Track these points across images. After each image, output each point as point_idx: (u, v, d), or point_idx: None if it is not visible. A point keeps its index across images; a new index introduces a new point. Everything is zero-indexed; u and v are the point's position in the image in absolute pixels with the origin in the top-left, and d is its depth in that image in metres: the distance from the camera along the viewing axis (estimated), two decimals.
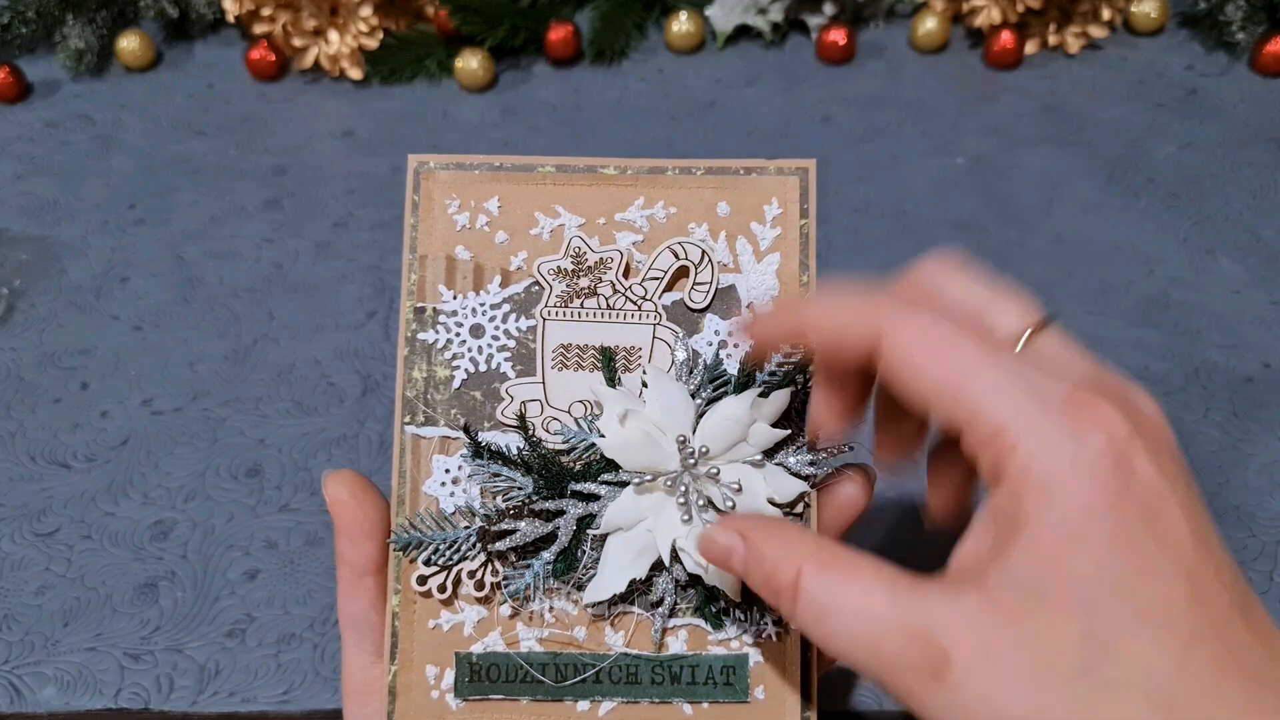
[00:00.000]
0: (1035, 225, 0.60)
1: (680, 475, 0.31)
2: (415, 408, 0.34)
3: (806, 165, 0.34)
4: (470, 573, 0.32)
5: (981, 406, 0.24)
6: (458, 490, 0.33)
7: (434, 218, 0.34)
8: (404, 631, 0.33)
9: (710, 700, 0.33)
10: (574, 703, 0.33)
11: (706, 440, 0.31)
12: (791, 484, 0.32)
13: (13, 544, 0.48)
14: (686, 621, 0.33)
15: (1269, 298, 0.55)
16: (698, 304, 0.33)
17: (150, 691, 0.43)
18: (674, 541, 0.31)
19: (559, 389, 0.33)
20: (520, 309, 0.34)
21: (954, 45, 0.73)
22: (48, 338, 0.57)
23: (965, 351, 0.24)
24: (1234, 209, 0.60)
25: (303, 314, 0.58)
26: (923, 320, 0.25)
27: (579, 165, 0.34)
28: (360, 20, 0.70)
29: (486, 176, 0.34)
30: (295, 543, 0.47)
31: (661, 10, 0.76)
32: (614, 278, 0.34)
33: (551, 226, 0.34)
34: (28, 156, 0.68)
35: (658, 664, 0.33)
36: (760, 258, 0.34)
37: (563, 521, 0.32)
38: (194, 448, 0.51)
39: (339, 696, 0.42)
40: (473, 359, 0.34)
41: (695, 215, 0.34)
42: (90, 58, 0.74)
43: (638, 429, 0.31)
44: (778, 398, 0.32)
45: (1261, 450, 0.49)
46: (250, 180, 0.66)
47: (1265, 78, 0.69)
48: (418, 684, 0.33)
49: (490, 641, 0.33)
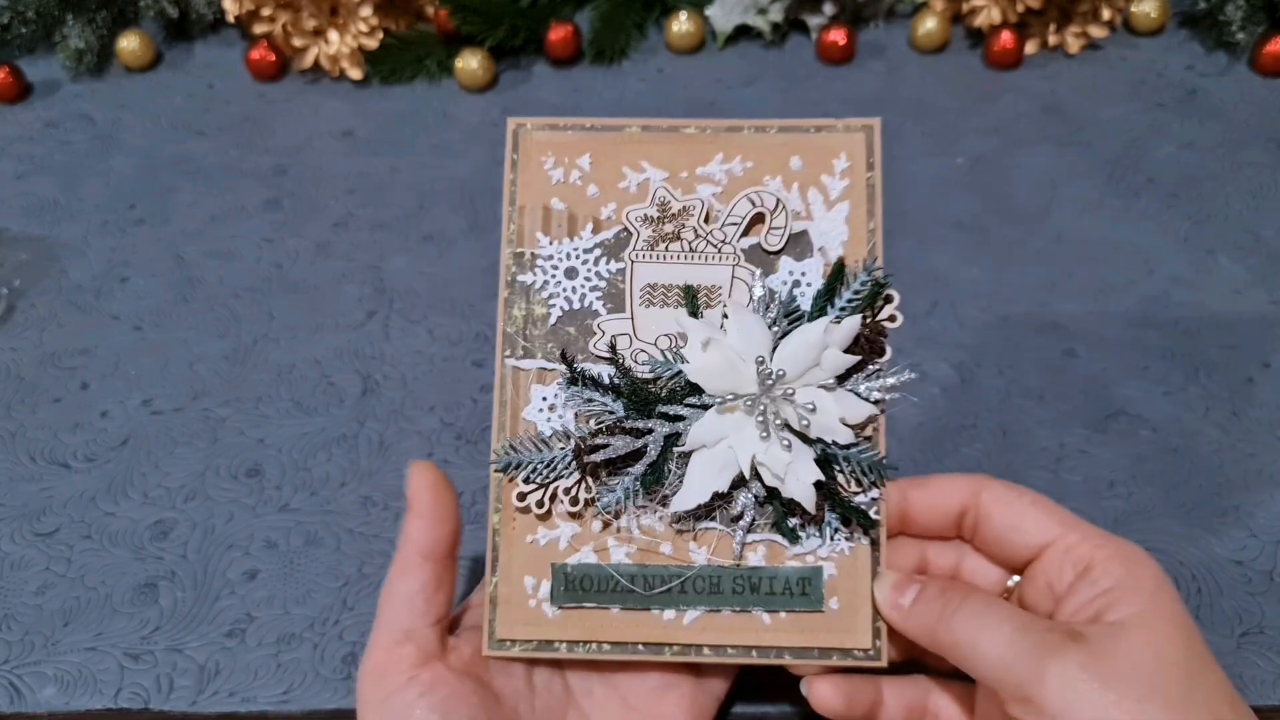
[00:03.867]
0: (1035, 225, 0.60)
1: (759, 397, 0.34)
2: (515, 342, 0.37)
3: (872, 124, 0.38)
4: (566, 490, 0.35)
5: (1074, 526, 0.34)
6: (554, 416, 0.36)
7: (531, 173, 0.38)
8: (504, 546, 0.36)
9: (787, 609, 0.35)
10: (660, 611, 0.36)
11: (783, 364, 0.34)
12: (861, 407, 0.35)
13: (13, 544, 0.48)
14: (765, 537, 0.36)
15: (1269, 298, 0.55)
16: (773, 246, 0.37)
17: (150, 691, 0.43)
18: (753, 456, 0.34)
19: (646, 324, 0.37)
20: (610, 253, 0.37)
21: (954, 45, 0.73)
22: (48, 338, 0.57)
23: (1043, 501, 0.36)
24: (1234, 209, 0.60)
25: (303, 314, 0.58)
26: (1006, 484, 0.36)
27: (663, 125, 0.38)
28: (360, 20, 0.70)
29: (578, 136, 0.38)
30: (295, 543, 0.47)
31: (661, 10, 0.75)
32: (696, 224, 0.37)
33: (638, 180, 0.38)
34: (28, 156, 0.68)
35: (738, 575, 0.35)
36: (830, 206, 0.37)
37: (651, 438, 0.35)
38: (194, 448, 0.51)
39: (339, 696, 0.42)
40: (567, 298, 0.37)
41: (770, 168, 0.37)
42: (90, 58, 0.73)
43: (719, 354, 0.34)
44: (849, 324, 0.34)
45: (1261, 450, 0.49)
46: (250, 180, 0.66)
47: (1265, 78, 0.68)
48: (516, 594, 0.36)
49: (583, 555, 0.36)
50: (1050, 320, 0.55)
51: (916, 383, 0.35)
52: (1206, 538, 0.46)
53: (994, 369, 0.53)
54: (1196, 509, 0.47)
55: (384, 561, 0.46)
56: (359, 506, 0.49)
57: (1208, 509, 0.47)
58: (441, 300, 0.58)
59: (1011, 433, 0.50)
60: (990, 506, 0.36)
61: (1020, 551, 0.35)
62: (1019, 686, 0.30)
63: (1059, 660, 0.30)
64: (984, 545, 0.37)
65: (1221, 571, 0.44)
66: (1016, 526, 0.35)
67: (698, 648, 0.36)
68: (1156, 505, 0.47)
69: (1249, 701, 0.40)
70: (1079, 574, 0.33)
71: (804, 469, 0.34)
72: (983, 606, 0.33)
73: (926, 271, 0.58)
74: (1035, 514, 0.35)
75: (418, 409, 0.53)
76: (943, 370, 0.53)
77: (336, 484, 0.50)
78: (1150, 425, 0.50)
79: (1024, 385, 0.52)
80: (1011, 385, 0.52)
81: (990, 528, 0.36)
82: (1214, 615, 0.43)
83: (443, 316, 0.57)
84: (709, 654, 0.36)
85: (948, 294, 0.56)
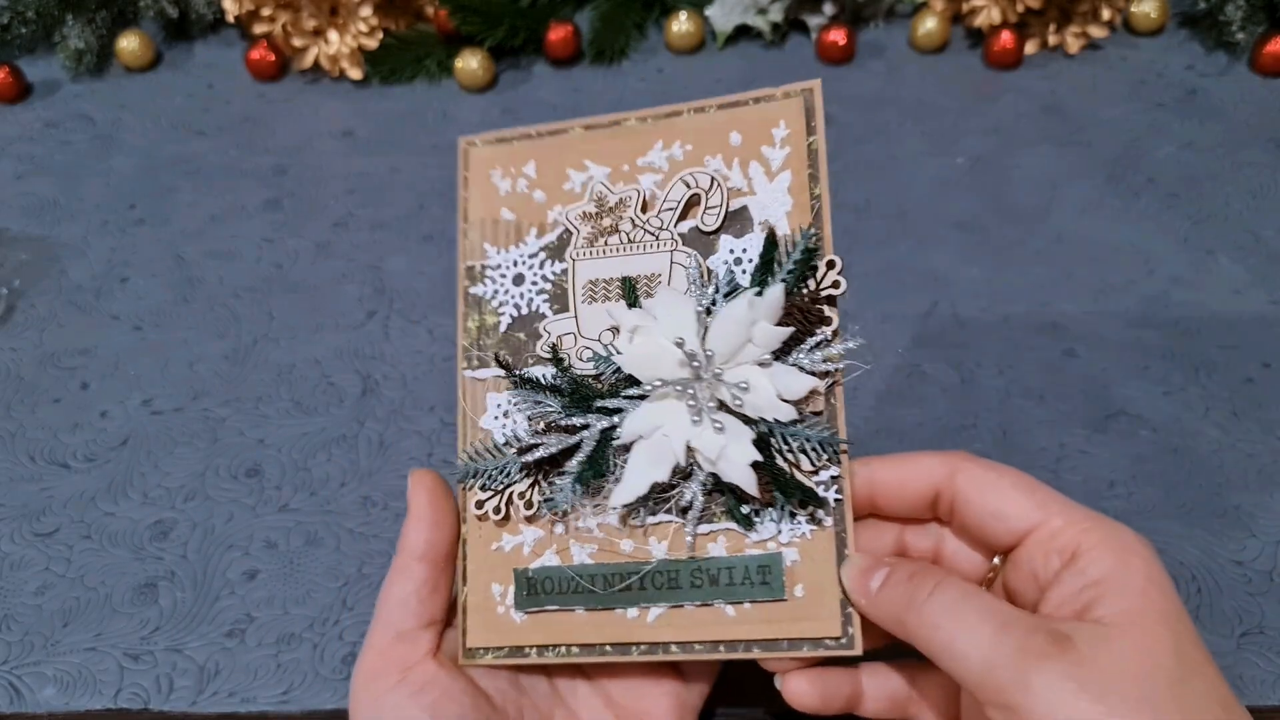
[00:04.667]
0: (1035, 225, 0.60)
1: (690, 381, 0.33)
2: (470, 354, 0.38)
3: (811, 86, 0.36)
4: (520, 494, 0.35)
5: (1058, 510, 0.32)
6: (508, 422, 0.36)
7: (480, 186, 0.38)
8: (470, 555, 0.36)
9: (750, 600, 0.34)
10: (623, 610, 0.35)
11: (712, 344, 0.33)
12: (800, 381, 0.33)
13: (13, 544, 0.48)
14: (722, 526, 0.34)
15: (1269, 298, 0.55)
16: (710, 227, 0.36)
17: (150, 691, 0.43)
18: (687, 442, 0.33)
19: (590, 321, 0.37)
20: (554, 254, 0.37)
21: (954, 45, 0.73)
22: (48, 338, 0.57)
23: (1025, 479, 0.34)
24: (1234, 209, 0.60)
25: (303, 314, 0.58)
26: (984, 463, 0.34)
27: (604, 121, 0.37)
28: (360, 20, 0.70)
29: (523, 145, 0.38)
30: (295, 543, 0.47)
31: (661, 10, 0.76)
32: (633, 214, 0.37)
33: (582, 180, 0.37)
34: (28, 156, 0.68)
35: (695, 567, 0.34)
36: (772, 177, 0.36)
37: (586, 433, 0.34)
38: (194, 448, 0.51)
39: (339, 696, 0.42)
40: (516, 304, 0.38)
41: (710, 149, 0.36)
42: (90, 58, 0.74)
43: (646, 341, 0.34)
44: (772, 294, 0.33)
45: (1261, 450, 0.49)
46: (250, 180, 0.66)
47: (1265, 78, 0.68)
48: (484, 602, 0.36)
49: (546, 558, 0.36)
50: (1050, 320, 0.55)
51: (866, 350, 0.33)
52: (1206, 538, 0.46)
53: (994, 369, 0.53)
54: (1196, 509, 0.47)
55: (384, 561, 0.46)
56: (359, 506, 0.49)
57: (1208, 509, 0.47)
58: (441, 300, 0.58)
59: (1011, 433, 0.50)
60: (968, 490, 0.33)
61: (1002, 538, 0.33)
62: (1000, 692, 0.28)
63: (1044, 669, 0.28)
64: (962, 531, 0.35)
65: (1221, 571, 0.44)
66: (997, 512, 0.33)
67: (664, 645, 0.34)
68: (1156, 505, 0.47)
69: (1249, 702, 0.40)
70: (1065, 562, 0.31)
71: (738, 450, 0.32)
72: (958, 597, 0.30)
73: (926, 271, 0.58)
74: (1016, 497, 0.33)
75: (418, 409, 0.53)
76: (943, 370, 0.53)
77: (336, 484, 0.50)
78: (1150, 425, 0.50)
79: (1024, 385, 0.52)
80: (1011, 385, 0.52)
81: (969, 512, 0.33)
82: (1214, 615, 0.43)
83: (443, 316, 0.57)
84: (676, 651, 0.34)
85: (948, 294, 0.56)
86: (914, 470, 0.34)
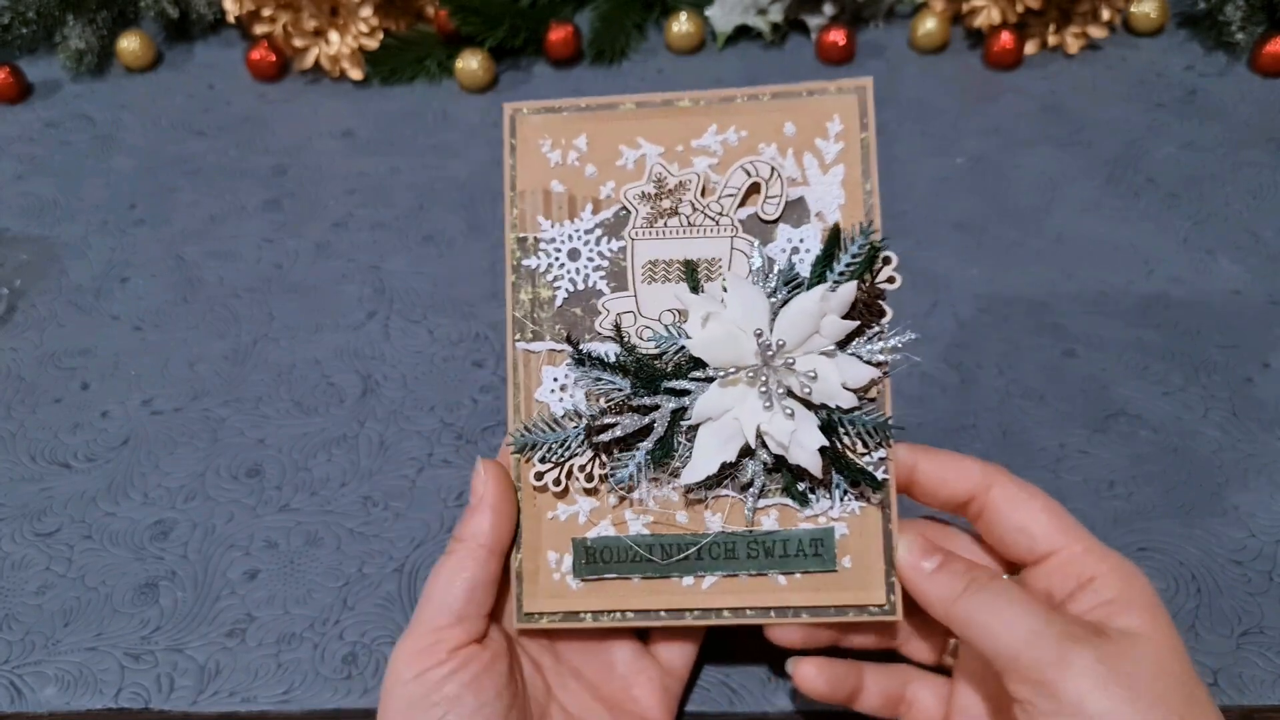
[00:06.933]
0: (1035, 225, 0.60)
1: (760, 368, 0.35)
2: (524, 325, 0.38)
3: (865, 83, 0.37)
4: (580, 467, 0.37)
5: (1079, 538, 0.35)
6: (565, 396, 0.37)
7: (529, 157, 0.38)
8: (526, 523, 0.37)
9: (802, 570, 0.36)
10: (679, 578, 0.37)
11: (782, 334, 0.35)
12: (863, 371, 0.35)
13: (13, 544, 0.48)
14: (776, 501, 0.36)
15: (1269, 298, 0.55)
16: (770, 216, 0.37)
17: (150, 691, 0.43)
18: (758, 426, 0.35)
19: (649, 300, 0.37)
20: (611, 232, 0.38)
21: (954, 45, 0.73)
22: (48, 338, 0.57)
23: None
24: (1234, 209, 0.60)
25: (303, 314, 0.58)
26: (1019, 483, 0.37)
27: (656, 100, 0.38)
28: (360, 21, 0.70)
29: (574, 117, 0.38)
30: (295, 543, 0.47)
31: (661, 10, 0.76)
32: (693, 197, 0.37)
33: (635, 157, 0.38)
34: (28, 156, 0.68)
35: (752, 540, 0.37)
36: (826, 170, 0.37)
37: (658, 415, 0.36)
38: (194, 448, 0.51)
39: (339, 696, 0.42)
40: (571, 279, 0.38)
41: (764, 136, 0.37)
42: (90, 58, 0.74)
43: (719, 328, 0.35)
44: (845, 290, 0.35)
45: (1261, 450, 0.49)
46: (250, 180, 0.66)
47: (1265, 78, 0.69)
48: (542, 569, 0.37)
49: (602, 528, 0.37)
50: (1050, 320, 0.55)
51: (915, 345, 0.35)
52: (1206, 538, 0.46)
53: (994, 369, 0.53)
54: (1196, 509, 0.47)
55: (384, 561, 0.46)
56: (359, 506, 0.49)
57: (1208, 509, 0.47)
58: (441, 300, 0.58)
59: (1011, 433, 0.50)
60: (1001, 504, 0.36)
61: (1024, 555, 0.36)
62: (1037, 667, 0.31)
63: (1083, 652, 0.31)
64: (987, 537, 0.37)
65: (1221, 571, 0.44)
66: (1025, 530, 0.35)
67: (717, 611, 0.37)
68: (1156, 505, 0.47)
69: (1249, 702, 0.40)
70: (1081, 584, 0.34)
71: (808, 436, 0.34)
72: (1009, 588, 0.33)
73: (926, 271, 0.58)
74: (1045, 520, 0.35)
75: (418, 409, 0.53)
76: (943, 370, 0.53)
77: (336, 484, 0.50)
78: (1150, 425, 0.50)
79: (1024, 385, 0.52)
80: (1011, 385, 0.52)
81: (998, 524, 0.36)
82: (1214, 615, 0.43)
83: (443, 316, 0.57)
84: (729, 616, 0.37)
85: (948, 294, 0.56)
86: (956, 471, 0.37)
